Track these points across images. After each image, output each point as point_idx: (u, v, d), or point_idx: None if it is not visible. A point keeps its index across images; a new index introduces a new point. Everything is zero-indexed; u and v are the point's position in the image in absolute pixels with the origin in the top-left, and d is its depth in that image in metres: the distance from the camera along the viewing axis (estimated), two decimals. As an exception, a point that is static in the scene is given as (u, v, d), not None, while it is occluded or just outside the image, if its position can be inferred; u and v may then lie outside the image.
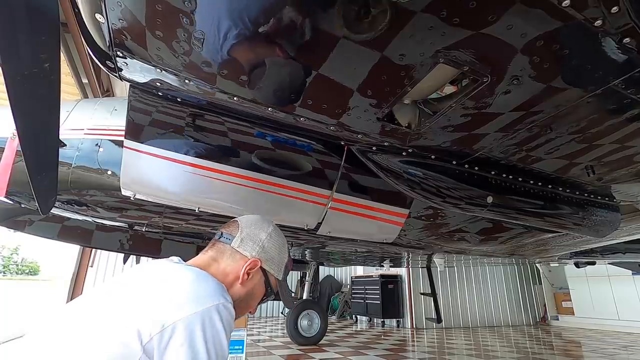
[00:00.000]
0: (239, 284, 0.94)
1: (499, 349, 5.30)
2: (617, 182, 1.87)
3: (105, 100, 2.24)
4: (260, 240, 1.00)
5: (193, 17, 0.89)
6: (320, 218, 1.95)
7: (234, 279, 0.94)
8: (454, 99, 1.19)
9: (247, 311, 1.00)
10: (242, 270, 0.94)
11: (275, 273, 1.02)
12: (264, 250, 0.99)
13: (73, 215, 2.47)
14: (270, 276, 1.00)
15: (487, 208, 1.71)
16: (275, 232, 1.05)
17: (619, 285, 7.44)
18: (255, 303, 1.01)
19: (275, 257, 1.01)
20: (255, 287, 0.98)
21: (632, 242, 3.42)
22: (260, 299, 1.01)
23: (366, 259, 5.02)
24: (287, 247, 1.06)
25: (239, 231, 1.00)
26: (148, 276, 0.83)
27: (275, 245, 1.02)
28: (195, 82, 1.20)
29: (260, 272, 0.98)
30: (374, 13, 0.85)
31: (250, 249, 0.98)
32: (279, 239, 1.04)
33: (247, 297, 0.97)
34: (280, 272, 1.03)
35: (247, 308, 0.99)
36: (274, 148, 1.71)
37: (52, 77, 1.01)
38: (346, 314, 9.95)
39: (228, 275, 0.94)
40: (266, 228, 1.03)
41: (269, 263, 1.00)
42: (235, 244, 0.98)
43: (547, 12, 0.83)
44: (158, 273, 0.84)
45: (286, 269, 1.05)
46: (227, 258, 0.96)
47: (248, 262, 0.96)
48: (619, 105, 1.19)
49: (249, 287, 0.96)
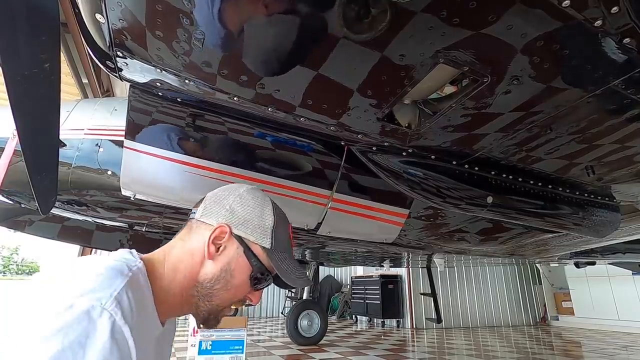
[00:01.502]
0: (208, 259, 0.74)
1: (499, 349, 5.29)
2: (617, 182, 1.87)
3: (105, 100, 2.24)
4: (227, 202, 0.78)
5: (193, 17, 0.89)
6: (320, 218, 1.95)
7: (201, 256, 0.74)
8: (454, 99, 1.19)
9: (236, 299, 0.77)
10: (206, 241, 0.74)
11: (257, 239, 0.76)
12: (233, 213, 0.77)
13: (73, 215, 2.47)
14: (252, 245, 0.76)
15: (487, 208, 1.71)
16: (250, 192, 0.81)
17: (619, 285, 7.44)
18: (242, 287, 0.76)
19: (251, 219, 0.77)
20: (233, 262, 0.75)
21: (632, 242, 3.43)
22: (250, 280, 0.76)
23: (366, 259, 5.02)
24: (272, 210, 0.81)
25: (204, 200, 0.81)
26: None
27: (250, 206, 0.79)
28: (195, 82, 1.20)
29: (236, 242, 0.75)
30: (374, 13, 0.85)
31: (215, 215, 0.77)
32: (255, 199, 0.80)
33: (224, 276, 0.74)
34: (266, 237, 0.77)
35: (233, 293, 0.76)
36: (274, 148, 1.71)
37: (52, 77, 1.01)
38: (346, 314, 9.95)
39: (194, 253, 0.74)
40: (236, 189, 0.82)
41: (243, 227, 0.76)
42: (198, 214, 0.78)
43: (547, 12, 0.83)
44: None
45: (278, 236, 0.79)
46: (194, 234, 0.77)
47: (212, 231, 0.74)
48: (619, 106, 1.19)
49: (223, 262, 0.74)
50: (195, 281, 0.73)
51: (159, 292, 0.69)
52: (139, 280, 0.64)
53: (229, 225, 0.76)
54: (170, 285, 0.71)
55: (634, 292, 7.17)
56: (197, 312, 0.75)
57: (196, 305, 0.74)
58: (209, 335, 2.74)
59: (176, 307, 0.74)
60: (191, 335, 3.41)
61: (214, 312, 0.76)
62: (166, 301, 0.70)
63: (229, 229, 0.75)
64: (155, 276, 0.70)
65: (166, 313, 0.72)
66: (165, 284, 0.71)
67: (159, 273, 0.71)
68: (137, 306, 0.59)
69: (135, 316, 0.58)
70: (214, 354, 2.72)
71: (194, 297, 0.73)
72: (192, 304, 0.74)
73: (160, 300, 0.69)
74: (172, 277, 0.72)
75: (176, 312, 0.76)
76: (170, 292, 0.71)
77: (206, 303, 0.74)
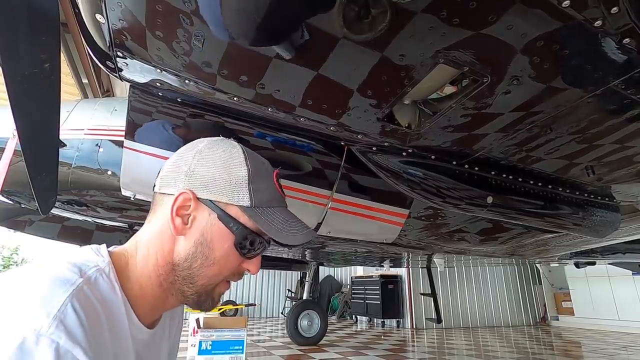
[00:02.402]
0: (179, 235, 0.62)
1: (499, 349, 5.29)
2: (617, 182, 1.87)
3: (105, 100, 2.25)
4: (186, 163, 0.64)
5: (193, 17, 0.89)
6: (320, 218, 1.94)
7: (169, 233, 0.62)
8: (454, 99, 1.19)
9: (228, 273, 0.64)
10: (169, 215, 0.61)
11: (230, 199, 0.62)
12: (193, 175, 0.63)
13: (73, 216, 2.47)
14: (226, 207, 0.62)
15: (487, 208, 1.71)
16: (211, 146, 0.66)
17: (619, 285, 7.44)
18: (229, 258, 0.63)
19: (217, 176, 0.63)
20: (207, 232, 0.62)
21: (632, 242, 3.43)
22: (237, 249, 0.63)
23: (366, 259, 5.02)
24: (242, 159, 0.65)
25: (162, 168, 0.68)
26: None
27: (213, 161, 0.64)
28: (196, 82, 1.20)
29: (206, 208, 0.62)
30: (374, 13, 0.85)
31: (174, 182, 0.64)
32: (218, 152, 0.65)
33: (201, 251, 0.61)
34: (242, 194, 0.62)
35: (219, 268, 0.63)
36: (273, 148, 1.71)
37: (52, 77, 1.01)
38: (346, 314, 9.96)
39: (162, 232, 0.63)
40: (194, 146, 0.67)
41: (209, 189, 0.62)
42: (157, 186, 0.66)
43: (547, 13, 0.83)
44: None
45: (258, 189, 0.64)
46: (158, 210, 0.65)
47: (173, 201, 0.62)
48: (619, 106, 1.19)
49: (196, 235, 0.62)
50: (171, 264, 0.62)
51: (135, 289, 0.60)
52: (96, 285, 0.54)
53: (192, 189, 0.62)
54: (146, 276, 0.61)
55: (634, 292, 7.18)
56: (185, 299, 0.64)
57: (181, 291, 0.63)
58: (209, 335, 2.75)
59: (160, 300, 0.64)
60: (191, 335, 3.41)
61: (204, 293, 0.64)
62: (146, 296, 0.61)
63: (192, 194, 0.62)
64: (130, 270, 0.61)
65: (150, 311, 0.63)
66: (141, 277, 0.61)
67: (132, 266, 0.61)
68: (92, 319, 0.50)
69: (90, 331, 0.48)
70: (214, 354, 2.72)
71: (176, 283, 0.62)
72: (177, 292, 0.63)
73: (138, 297, 0.60)
74: (145, 266, 0.62)
75: (162, 306, 0.65)
76: (148, 285, 0.61)
77: (190, 286, 0.62)
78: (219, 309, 8.99)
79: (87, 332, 0.47)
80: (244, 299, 10.60)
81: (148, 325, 0.63)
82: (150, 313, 0.64)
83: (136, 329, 0.59)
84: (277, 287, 11.26)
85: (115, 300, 0.56)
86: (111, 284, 0.56)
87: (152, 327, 0.65)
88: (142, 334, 0.61)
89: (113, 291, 0.56)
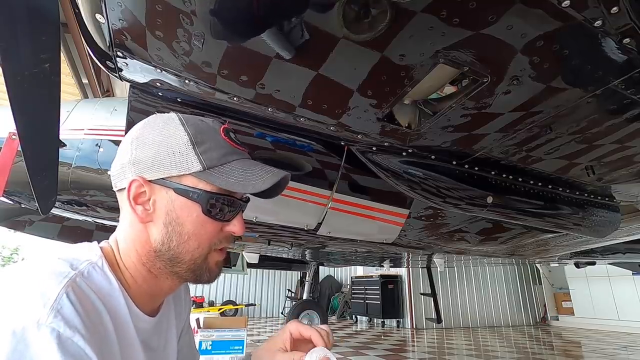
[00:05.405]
0: (146, 223, 0.61)
1: (499, 349, 5.29)
2: (617, 182, 1.87)
3: (105, 100, 2.25)
4: (126, 154, 0.63)
5: (193, 17, 0.89)
6: (320, 218, 1.95)
7: (138, 223, 0.62)
8: (454, 99, 1.19)
9: (212, 241, 0.63)
10: (129, 207, 0.61)
11: (180, 170, 0.60)
12: (136, 161, 0.61)
13: (73, 216, 2.47)
14: (181, 180, 0.61)
15: (487, 208, 1.71)
16: (145, 127, 0.64)
17: (619, 285, 7.45)
18: (204, 227, 0.61)
19: (158, 152, 0.61)
20: (170, 210, 0.61)
21: (632, 242, 3.43)
22: (209, 216, 0.61)
23: (366, 259, 5.03)
24: (179, 125, 0.62)
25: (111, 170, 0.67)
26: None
27: (150, 139, 0.62)
28: (196, 82, 1.20)
29: (162, 187, 0.61)
30: (374, 13, 0.85)
31: (123, 175, 0.63)
32: (153, 129, 0.63)
33: (173, 229, 0.61)
34: (190, 160, 0.60)
35: (198, 240, 0.61)
36: (273, 148, 1.71)
37: (52, 77, 1.01)
38: (346, 314, 9.96)
39: (132, 224, 0.63)
40: (130, 134, 0.65)
41: (155, 168, 0.60)
42: (113, 185, 0.66)
43: (547, 13, 0.83)
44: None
45: (206, 149, 0.61)
46: (122, 206, 0.65)
47: (127, 193, 0.61)
48: (618, 106, 1.19)
49: (162, 217, 0.61)
50: (153, 252, 0.61)
51: (128, 280, 0.61)
52: (90, 278, 0.54)
53: (140, 175, 0.61)
54: (133, 268, 0.62)
55: (634, 292, 7.18)
56: (181, 278, 0.64)
57: (174, 273, 0.63)
58: (209, 335, 2.74)
59: (156, 287, 0.64)
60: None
61: (196, 267, 0.63)
62: (140, 285, 0.62)
63: (141, 180, 0.60)
64: (119, 264, 0.62)
65: (149, 300, 0.64)
66: (129, 269, 0.62)
67: (119, 260, 0.62)
68: (89, 308, 0.50)
69: (88, 320, 0.48)
70: (214, 354, 2.72)
71: (165, 267, 0.62)
72: (170, 275, 0.63)
73: (133, 287, 0.61)
74: (129, 259, 0.62)
75: (160, 292, 0.65)
76: (138, 275, 0.62)
77: (179, 265, 0.62)
78: (218, 309, 9.01)
79: (84, 320, 0.48)
80: (244, 299, 10.61)
81: (149, 314, 0.63)
82: (149, 301, 0.64)
83: (137, 318, 0.60)
84: (277, 287, 11.27)
85: (112, 291, 0.56)
86: (105, 276, 0.57)
87: (154, 315, 0.65)
88: (144, 322, 0.61)
89: (108, 282, 0.57)
